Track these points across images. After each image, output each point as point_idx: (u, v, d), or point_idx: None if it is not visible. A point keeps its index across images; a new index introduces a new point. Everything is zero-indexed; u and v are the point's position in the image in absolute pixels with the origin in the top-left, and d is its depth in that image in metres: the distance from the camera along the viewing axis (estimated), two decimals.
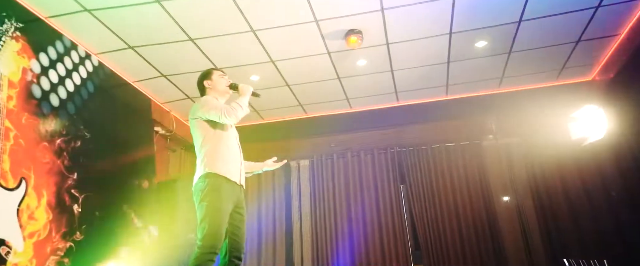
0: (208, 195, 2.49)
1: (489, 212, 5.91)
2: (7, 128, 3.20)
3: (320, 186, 6.71)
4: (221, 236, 2.46)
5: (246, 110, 2.69)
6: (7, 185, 3.12)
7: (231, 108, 2.61)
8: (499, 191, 6.05)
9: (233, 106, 2.64)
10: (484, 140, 6.19)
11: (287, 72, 5.07)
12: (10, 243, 3.06)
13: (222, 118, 2.59)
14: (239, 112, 2.63)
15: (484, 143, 6.20)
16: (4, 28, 3.35)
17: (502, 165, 6.12)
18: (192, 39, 4.31)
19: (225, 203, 2.52)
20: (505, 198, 6.04)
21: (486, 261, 5.76)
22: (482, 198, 6.01)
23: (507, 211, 5.97)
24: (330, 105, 6.15)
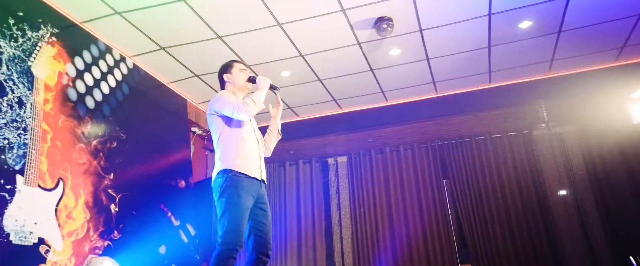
0: (226, 191, 2.43)
1: (543, 208, 5.46)
2: (44, 130, 3.31)
3: (359, 183, 6.54)
4: (241, 233, 2.39)
5: (260, 106, 2.58)
6: (45, 185, 3.22)
7: (244, 104, 2.52)
8: (553, 185, 5.56)
9: (246, 101, 2.54)
10: (535, 129, 5.74)
11: (318, 66, 4.95)
12: (50, 242, 3.16)
13: (235, 114, 2.51)
14: (252, 108, 2.53)
15: (535, 132, 5.75)
16: (40, 34, 3.47)
17: (556, 156, 5.64)
18: (220, 37, 4.29)
19: (244, 199, 2.44)
20: (561, 193, 5.56)
21: (541, 260, 5.33)
22: (534, 193, 5.56)
23: (563, 207, 5.49)
24: (365, 99, 5.96)
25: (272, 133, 2.93)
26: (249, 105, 2.52)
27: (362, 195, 6.43)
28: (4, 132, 2.98)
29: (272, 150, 2.96)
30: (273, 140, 2.93)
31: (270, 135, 2.93)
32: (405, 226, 6.07)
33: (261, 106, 2.59)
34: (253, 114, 2.55)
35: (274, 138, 2.94)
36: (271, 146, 2.94)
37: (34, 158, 3.15)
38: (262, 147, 2.78)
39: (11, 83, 3.12)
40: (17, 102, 3.12)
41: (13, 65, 3.16)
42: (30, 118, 3.20)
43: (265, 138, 2.93)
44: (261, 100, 2.60)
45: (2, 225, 2.84)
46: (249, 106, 2.52)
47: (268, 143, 2.92)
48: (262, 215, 2.59)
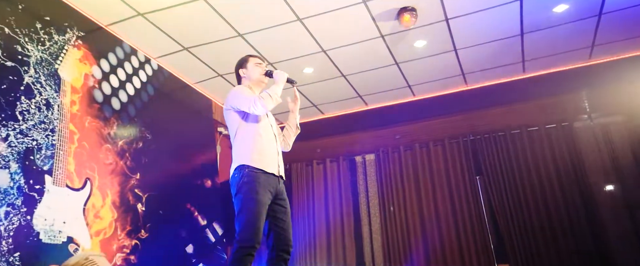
0: (243, 187, 2.39)
1: (587, 205, 5.12)
2: (72, 131, 3.37)
3: (388, 181, 6.39)
4: (259, 229, 2.33)
5: (277, 100, 2.53)
6: (73, 185, 3.29)
7: (259, 99, 2.47)
8: (599, 180, 5.18)
9: (262, 96, 2.49)
10: (576, 120, 5.39)
11: (341, 61, 4.86)
12: (78, 241, 3.21)
13: (251, 109, 2.47)
14: (268, 103, 2.47)
15: (576, 124, 5.39)
16: (66, 37, 3.55)
17: (600, 149, 5.26)
18: (241, 35, 4.28)
19: (262, 195, 2.38)
20: (608, 188, 5.20)
21: (586, 260, 5.00)
22: (577, 189, 5.22)
23: (611, 203, 5.12)
24: (392, 95, 5.81)
25: (291, 128, 2.86)
26: (265, 100, 2.46)
27: (392, 193, 6.28)
28: (33, 134, 3.06)
29: (291, 145, 2.90)
30: (292, 135, 2.86)
31: (288, 130, 2.87)
32: (437, 225, 5.87)
33: (278, 100, 2.53)
34: (269, 108, 2.50)
35: (293, 133, 2.87)
36: (290, 141, 2.88)
37: (61, 158, 3.22)
38: (280, 143, 2.72)
39: (39, 85, 3.20)
40: (44, 104, 3.20)
41: (40, 68, 3.24)
42: (57, 119, 3.27)
43: (284, 134, 2.87)
44: (278, 94, 2.54)
45: (32, 224, 2.91)
46: (265, 100, 2.46)
47: (287, 139, 2.86)
48: (281, 212, 2.53)
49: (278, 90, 2.56)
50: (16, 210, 2.83)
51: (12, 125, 2.92)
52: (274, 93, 2.52)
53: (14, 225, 2.79)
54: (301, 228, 6.71)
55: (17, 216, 2.82)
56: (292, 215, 6.75)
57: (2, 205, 2.75)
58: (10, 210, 2.79)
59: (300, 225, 6.75)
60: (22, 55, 3.12)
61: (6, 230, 2.74)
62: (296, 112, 2.87)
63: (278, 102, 2.54)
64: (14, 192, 2.84)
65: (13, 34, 3.10)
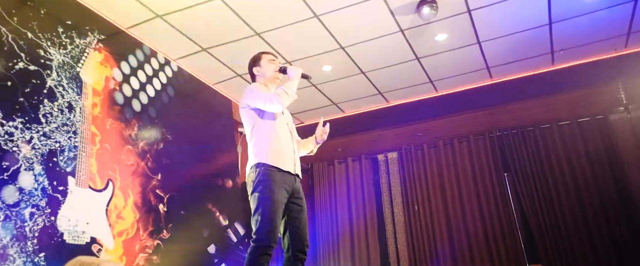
0: (259, 186, 2.35)
1: (624, 202, 4.85)
2: (93, 133, 3.42)
3: (411, 179, 6.27)
4: (275, 228, 2.29)
5: (293, 96, 2.48)
6: (96, 186, 3.33)
7: (275, 96, 2.42)
8: (637, 176, 4.89)
9: (278, 93, 2.45)
10: (611, 113, 5.12)
11: (360, 58, 4.78)
12: (101, 241, 3.25)
13: (267, 107, 2.43)
14: (284, 99, 2.43)
15: (611, 117, 5.12)
16: (87, 41, 3.60)
17: (639, 143, 5.00)
18: (258, 34, 4.25)
19: (277, 194, 2.34)
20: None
21: (625, 259, 4.75)
22: (613, 185, 4.95)
23: None
24: (413, 91, 5.69)
25: (306, 149, 2.72)
26: (281, 96, 2.42)
27: (416, 192, 6.15)
28: (56, 136, 3.11)
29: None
30: (304, 152, 2.73)
31: (304, 148, 2.72)
32: (463, 224, 5.71)
33: (294, 96, 2.49)
34: (285, 105, 2.45)
35: (306, 151, 2.73)
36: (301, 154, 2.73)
37: (84, 160, 3.27)
38: (295, 141, 2.66)
39: (61, 88, 3.25)
40: (67, 107, 3.25)
41: (62, 71, 3.30)
42: (79, 122, 3.32)
43: (301, 141, 2.76)
44: (293, 91, 2.50)
45: (56, 225, 2.95)
46: (280, 97, 2.41)
47: (301, 148, 2.73)
48: (298, 211, 2.48)
49: (293, 86, 2.52)
50: (40, 211, 2.88)
51: (35, 128, 2.98)
52: (290, 89, 2.48)
53: (38, 226, 2.84)
54: (324, 228, 6.66)
55: (42, 217, 2.87)
56: (314, 215, 6.81)
57: (27, 206, 2.80)
58: (34, 211, 2.84)
59: (323, 225, 6.70)
60: (44, 59, 3.18)
61: (31, 231, 2.79)
62: (319, 139, 2.70)
63: (294, 98, 2.50)
64: (38, 194, 2.89)
65: (36, 39, 3.16)
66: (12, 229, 2.68)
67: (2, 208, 2.65)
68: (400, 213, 6.31)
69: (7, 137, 2.78)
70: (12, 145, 2.80)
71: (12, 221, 2.69)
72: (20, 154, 2.84)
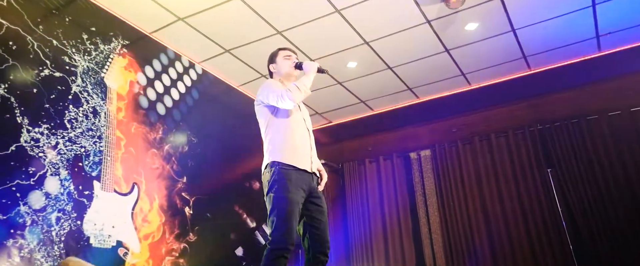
0: (274, 185, 2.26)
1: None
2: (118, 137, 3.45)
3: (446, 177, 6.02)
4: (292, 230, 2.19)
5: (306, 92, 2.38)
6: (121, 190, 3.35)
7: (286, 91, 2.33)
8: None
9: (290, 88, 2.35)
10: None
11: (386, 52, 4.60)
12: (128, 245, 3.27)
13: (280, 103, 2.34)
14: (297, 95, 2.33)
15: None
16: (111, 46, 3.65)
17: None
18: (280, 32, 4.18)
19: (294, 193, 2.24)
20: None
21: None
22: None
23: None
24: (445, 85, 5.43)
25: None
26: (294, 92, 2.32)
27: (451, 191, 5.91)
28: (81, 141, 3.16)
29: None
30: None
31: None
32: (504, 224, 5.41)
33: (307, 92, 2.39)
34: (298, 101, 2.36)
35: None
36: None
37: (109, 164, 3.30)
38: (312, 137, 2.56)
39: (86, 94, 3.30)
40: (92, 112, 3.30)
41: (87, 77, 3.35)
42: (104, 126, 3.36)
43: None
44: (307, 86, 2.39)
45: (82, 229, 2.99)
46: (293, 93, 2.32)
47: None
48: (317, 211, 2.37)
49: (307, 81, 2.41)
50: (67, 216, 2.92)
51: (61, 133, 3.03)
52: (303, 84, 2.37)
53: (65, 230, 2.88)
54: (356, 228, 6.53)
55: (68, 222, 2.91)
56: (346, 216, 6.68)
57: (54, 211, 2.84)
58: (61, 215, 2.88)
59: (355, 225, 6.57)
60: (69, 65, 3.24)
61: (58, 235, 2.83)
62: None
63: (308, 93, 2.40)
64: (64, 198, 2.93)
65: (61, 46, 3.22)
66: (38, 233, 2.73)
67: (29, 213, 2.70)
68: (435, 213, 6.07)
69: (33, 143, 2.83)
70: (38, 151, 2.85)
71: (38, 226, 2.73)
72: (46, 159, 2.89)
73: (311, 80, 2.45)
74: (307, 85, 2.39)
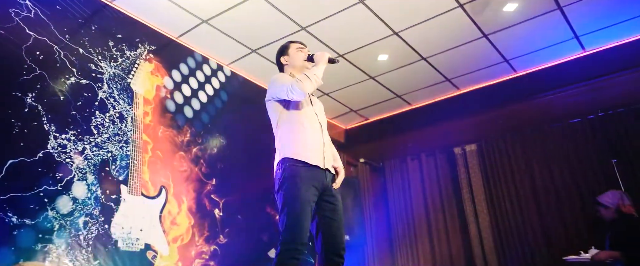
0: (284, 183, 2.15)
1: None
2: (145, 141, 3.49)
3: (495, 173, 5.62)
4: (302, 230, 2.06)
5: (317, 81, 2.25)
6: (149, 193, 3.38)
7: (297, 81, 2.21)
8: None
9: (300, 78, 2.23)
10: None
11: (417, 42, 4.34)
12: (156, 248, 3.28)
13: (290, 95, 2.23)
14: (307, 85, 2.20)
15: None
16: (137, 52, 3.71)
17: None
18: (304, 28, 4.06)
19: (304, 191, 2.12)
20: None
21: None
22: None
23: None
24: (487, 73, 5.06)
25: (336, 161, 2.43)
26: (304, 82, 2.20)
27: (501, 187, 5.50)
28: (108, 146, 3.21)
29: None
30: None
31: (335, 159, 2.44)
32: (561, 222, 4.95)
33: (318, 82, 2.27)
34: (309, 90, 2.23)
35: None
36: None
37: (136, 168, 3.34)
38: (326, 132, 2.41)
39: (112, 100, 3.36)
40: (118, 117, 3.35)
41: (113, 83, 3.41)
42: (131, 131, 3.40)
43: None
44: (318, 76, 2.27)
45: (110, 233, 3.03)
46: (304, 83, 2.19)
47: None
48: (330, 210, 2.23)
49: (318, 71, 2.29)
50: (94, 220, 2.97)
51: (87, 139, 3.10)
52: (313, 74, 2.25)
53: (92, 234, 2.93)
54: (400, 229, 6.28)
55: (95, 226, 2.96)
56: (389, 215, 6.44)
57: (81, 215, 2.90)
58: (88, 219, 2.94)
59: (398, 225, 6.32)
60: (95, 72, 3.32)
61: (85, 239, 2.89)
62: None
63: (319, 83, 2.28)
64: (92, 202, 2.99)
65: (87, 54, 3.30)
66: (66, 238, 2.79)
67: (57, 217, 2.77)
68: (484, 211, 5.69)
69: (60, 150, 2.91)
70: (65, 157, 2.93)
71: (66, 230, 2.80)
72: (73, 165, 2.96)
73: (322, 70, 2.32)
74: (317, 74, 2.27)
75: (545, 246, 5.00)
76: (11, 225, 2.53)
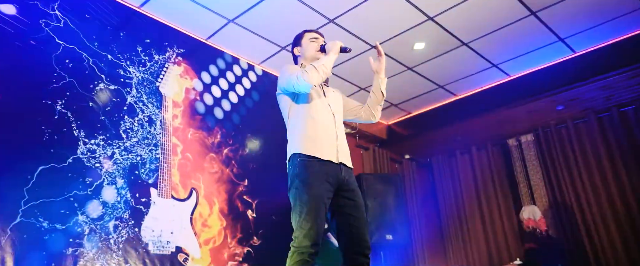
0: (295, 180, 2.05)
1: None
2: (175, 144, 3.49)
3: (556, 164, 5.16)
4: (313, 229, 1.92)
5: (324, 72, 2.10)
6: (179, 196, 3.37)
7: (302, 73, 2.07)
8: None
9: (306, 69, 2.09)
10: None
11: (456, 26, 4.01)
12: (188, 250, 3.26)
13: (296, 86, 2.10)
14: (313, 76, 2.05)
15: None
16: (166, 56, 3.73)
17: None
18: (332, 20, 3.89)
19: (316, 188, 1.98)
20: None
21: None
22: None
23: None
24: (539, 55, 4.58)
25: (374, 94, 2.36)
26: (309, 73, 2.05)
27: (563, 180, 5.04)
28: (137, 150, 3.24)
29: (377, 115, 2.42)
30: (375, 102, 2.37)
31: (372, 96, 2.37)
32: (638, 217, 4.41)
33: (327, 72, 2.12)
34: (315, 82, 2.07)
35: (376, 100, 2.37)
36: (375, 111, 2.39)
37: (165, 171, 3.34)
38: (340, 124, 2.24)
39: (141, 104, 3.39)
40: (147, 121, 3.38)
41: (142, 87, 3.45)
42: (160, 134, 3.42)
43: (367, 102, 2.40)
44: (327, 66, 2.12)
45: (140, 236, 3.05)
46: (309, 73, 2.05)
47: (371, 108, 2.39)
48: (350, 206, 2.07)
49: (327, 61, 2.13)
50: (124, 223, 2.99)
51: (116, 144, 3.14)
52: (321, 64, 2.09)
53: (123, 238, 2.96)
54: (452, 227, 5.95)
55: (126, 229, 2.99)
56: (439, 214, 6.09)
57: (111, 219, 2.93)
58: (118, 223, 2.97)
59: (450, 224, 5.99)
60: (124, 77, 3.36)
61: (116, 243, 2.92)
62: (381, 73, 2.32)
63: (327, 74, 2.13)
64: (121, 206, 3.02)
65: (116, 59, 3.36)
66: (97, 242, 2.83)
67: (87, 222, 2.81)
68: (544, 207, 5.22)
69: (89, 155, 2.96)
70: (95, 162, 2.98)
71: (96, 234, 2.84)
72: (103, 170, 3.00)
73: (332, 60, 2.16)
74: (326, 65, 2.11)
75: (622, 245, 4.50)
76: (42, 230, 2.60)
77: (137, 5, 3.67)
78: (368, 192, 4.59)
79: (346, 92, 5.04)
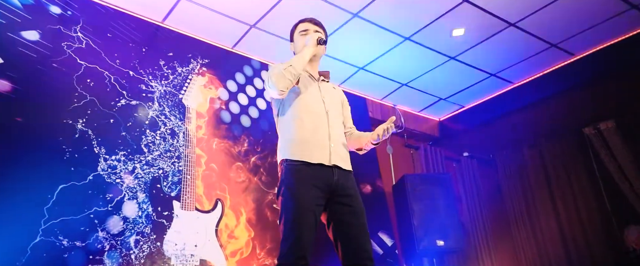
0: (281, 187, 1.84)
1: None
2: (199, 155, 3.45)
3: None
4: (300, 240, 1.71)
5: (293, 74, 1.86)
6: (203, 207, 3.31)
7: (269, 78, 1.88)
8: None
9: (274, 71, 1.88)
10: None
11: (498, 6, 3.51)
12: (213, 263, 3.18)
13: (269, 92, 1.93)
14: (279, 82, 1.84)
15: None
16: (189, 67, 3.72)
17: None
18: (356, 14, 3.62)
19: (303, 195, 1.77)
20: None
21: None
22: None
23: None
24: (608, 29, 3.88)
25: (361, 140, 2.07)
26: (272, 78, 1.86)
27: None
28: (158, 163, 3.23)
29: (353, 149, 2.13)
30: (356, 144, 2.10)
31: (360, 139, 2.08)
32: None
33: (293, 73, 1.87)
34: (280, 88, 1.87)
35: (358, 145, 2.10)
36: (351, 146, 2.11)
37: (189, 183, 3.30)
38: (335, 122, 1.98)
39: (163, 117, 3.39)
40: (169, 134, 3.37)
41: (164, 101, 3.45)
42: (183, 146, 3.39)
43: (354, 134, 2.13)
44: (295, 67, 1.88)
45: (162, 250, 3.02)
46: (273, 79, 1.85)
47: (352, 142, 2.10)
48: (347, 213, 1.83)
49: (296, 62, 1.91)
50: (146, 238, 2.98)
51: (138, 158, 3.15)
52: (287, 65, 1.90)
53: (144, 253, 2.94)
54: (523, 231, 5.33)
55: (147, 244, 2.97)
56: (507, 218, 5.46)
57: (132, 234, 2.94)
58: (139, 238, 2.96)
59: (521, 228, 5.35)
60: (146, 92, 3.39)
61: (137, 258, 2.91)
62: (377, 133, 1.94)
63: (296, 76, 1.88)
64: (143, 221, 3.01)
65: (137, 75, 3.40)
66: (117, 258, 2.84)
67: (107, 238, 2.83)
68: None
69: (110, 171, 3.00)
70: (115, 178, 3.00)
71: (117, 250, 2.85)
72: (123, 185, 3.02)
73: (305, 57, 1.95)
74: (295, 65, 1.89)
75: None
76: (62, 247, 2.65)
77: (160, 20, 3.70)
78: (413, 195, 4.21)
79: (385, 87, 4.72)
